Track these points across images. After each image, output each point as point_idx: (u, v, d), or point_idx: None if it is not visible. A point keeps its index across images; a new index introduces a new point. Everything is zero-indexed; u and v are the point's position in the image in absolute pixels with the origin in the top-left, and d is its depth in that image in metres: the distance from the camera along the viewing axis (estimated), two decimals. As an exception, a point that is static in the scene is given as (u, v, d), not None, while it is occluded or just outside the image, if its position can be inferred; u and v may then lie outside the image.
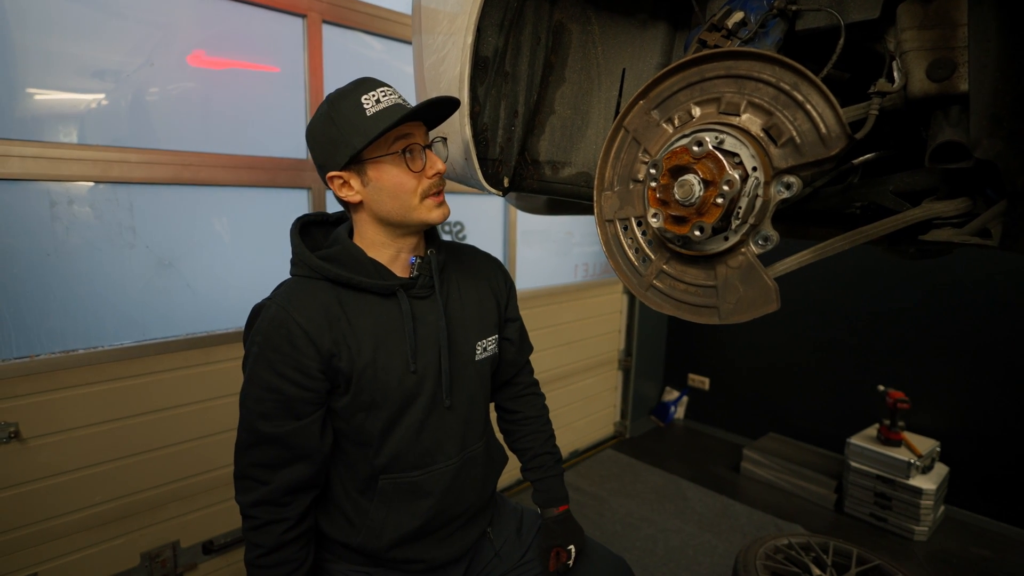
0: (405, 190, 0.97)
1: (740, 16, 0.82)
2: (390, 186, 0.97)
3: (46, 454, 1.56)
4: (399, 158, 0.96)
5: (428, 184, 0.98)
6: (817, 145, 0.70)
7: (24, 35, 1.48)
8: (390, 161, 0.96)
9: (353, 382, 0.99)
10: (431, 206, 1.00)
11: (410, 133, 0.97)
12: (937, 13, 0.72)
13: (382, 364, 1.00)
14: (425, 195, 0.99)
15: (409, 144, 0.96)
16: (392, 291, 1.03)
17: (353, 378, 0.99)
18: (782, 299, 0.75)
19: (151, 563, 1.77)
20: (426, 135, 1.01)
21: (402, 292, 1.04)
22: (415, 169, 0.97)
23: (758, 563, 1.97)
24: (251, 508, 0.98)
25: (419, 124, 1.00)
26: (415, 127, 0.98)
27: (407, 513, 1.06)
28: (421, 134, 1.00)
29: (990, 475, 2.66)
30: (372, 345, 1.00)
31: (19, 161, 1.47)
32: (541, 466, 1.28)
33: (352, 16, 2.05)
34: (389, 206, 0.99)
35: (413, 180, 0.97)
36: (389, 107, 0.94)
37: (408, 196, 0.98)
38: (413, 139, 0.97)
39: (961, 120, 0.73)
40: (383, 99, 0.95)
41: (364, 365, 0.99)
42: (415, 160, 0.97)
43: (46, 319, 1.56)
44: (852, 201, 1.00)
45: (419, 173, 0.97)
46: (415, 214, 0.99)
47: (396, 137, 0.96)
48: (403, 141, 0.96)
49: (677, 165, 0.76)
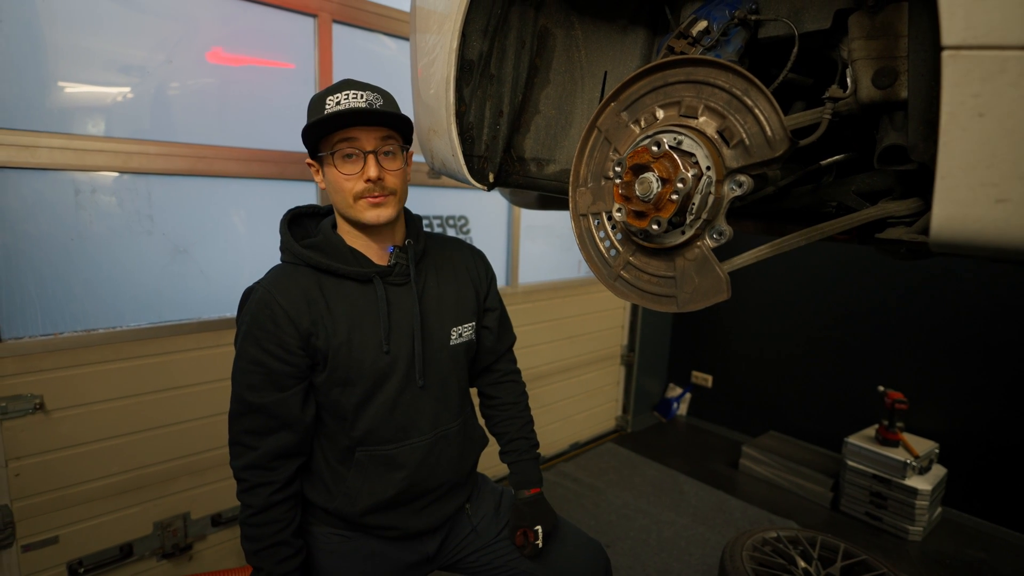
0: (341, 189, 1.06)
1: (704, 25, 0.88)
2: (332, 182, 1.07)
3: (68, 425, 1.67)
4: (335, 159, 1.05)
5: (362, 187, 1.06)
6: (764, 147, 0.75)
7: (54, 31, 1.58)
8: (330, 161, 1.06)
9: (329, 359, 1.08)
10: (364, 207, 1.07)
11: (355, 137, 1.05)
12: (883, 24, 0.76)
13: (357, 344, 1.09)
14: (359, 196, 1.06)
15: (348, 147, 1.04)
16: (369, 277, 1.12)
17: (329, 355, 1.08)
18: (786, 299, 0.81)
19: (163, 532, 1.88)
20: (382, 141, 1.07)
21: (378, 279, 1.12)
22: (345, 172, 1.05)
23: (744, 554, 2.01)
24: (242, 471, 1.08)
25: (375, 129, 1.06)
26: (364, 132, 1.05)
27: (381, 483, 1.15)
28: (371, 139, 1.06)
29: (988, 478, 2.66)
30: (347, 326, 1.09)
31: (47, 152, 1.58)
32: (516, 450, 1.34)
33: (361, 16, 2.13)
34: (335, 200, 1.10)
35: (347, 181, 1.05)
36: (343, 110, 1.02)
37: (344, 195, 1.07)
38: (355, 143, 1.05)
39: (904, 125, 0.78)
40: (344, 101, 1.04)
41: (339, 344, 1.08)
42: (345, 164, 1.05)
43: (69, 300, 1.67)
44: (826, 200, 1.05)
45: (352, 176, 1.05)
46: (351, 212, 1.08)
47: (340, 139, 1.05)
48: (343, 144, 1.05)
49: (638, 163, 0.82)
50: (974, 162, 0.53)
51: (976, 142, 0.53)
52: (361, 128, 1.05)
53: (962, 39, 0.52)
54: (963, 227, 0.55)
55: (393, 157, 1.10)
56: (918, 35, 0.72)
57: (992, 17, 0.50)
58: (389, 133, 1.08)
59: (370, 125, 1.06)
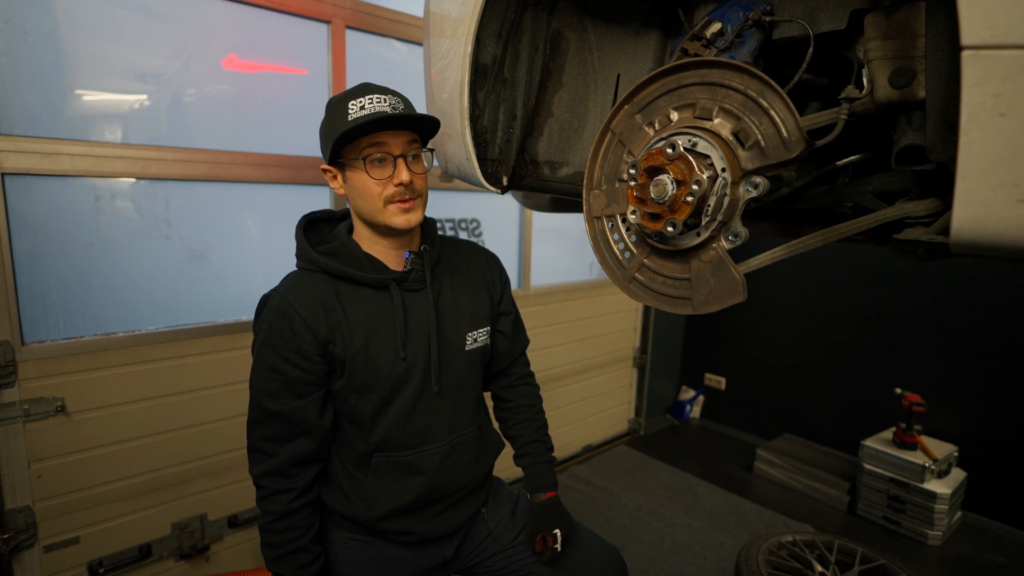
0: (370, 193, 1.05)
1: (718, 27, 0.88)
2: (359, 187, 1.06)
3: (88, 427, 1.70)
4: (366, 164, 1.05)
5: (392, 191, 1.05)
6: (780, 148, 0.75)
7: (75, 41, 1.61)
8: (359, 165, 1.05)
9: (347, 366, 1.08)
10: (395, 212, 1.07)
11: (383, 142, 1.04)
12: (899, 24, 0.76)
13: (374, 351, 1.09)
14: (389, 201, 1.06)
15: (378, 152, 1.04)
16: (385, 284, 1.12)
17: (347, 362, 1.08)
18: (801, 300, 0.81)
19: (181, 533, 1.90)
20: (408, 144, 1.07)
21: (394, 285, 1.12)
22: (376, 176, 1.04)
23: (760, 558, 2.00)
24: (261, 478, 1.09)
25: (401, 133, 1.06)
26: (392, 136, 1.05)
27: (399, 488, 1.15)
28: (399, 143, 1.06)
29: (1009, 482, 2.62)
30: (364, 333, 1.09)
31: (68, 159, 1.61)
32: (531, 453, 1.34)
33: (374, 22, 2.15)
34: (360, 205, 1.08)
35: (377, 186, 1.05)
36: (368, 115, 1.02)
37: (373, 199, 1.06)
38: (384, 147, 1.04)
39: (922, 125, 0.77)
40: (368, 106, 1.03)
41: (356, 351, 1.08)
42: (376, 168, 1.05)
43: (90, 304, 1.70)
44: (842, 201, 1.04)
45: (383, 180, 1.05)
46: (380, 217, 1.07)
47: (368, 144, 1.04)
48: (373, 148, 1.04)
49: (653, 166, 0.82)
50: (995, 162, 0.53)
51: (997, 142, 0.52)
52: (389, 132, 1.05)
53: (982, 39, 0.52)
54: (984, 227, 0.55)
55: (419, 160, 1.10)
56: (935, 34, 0.71)
57: (1012, 17, 0.50)
58: (414, 137, 1.09)
59: (400, 129, 1.06)
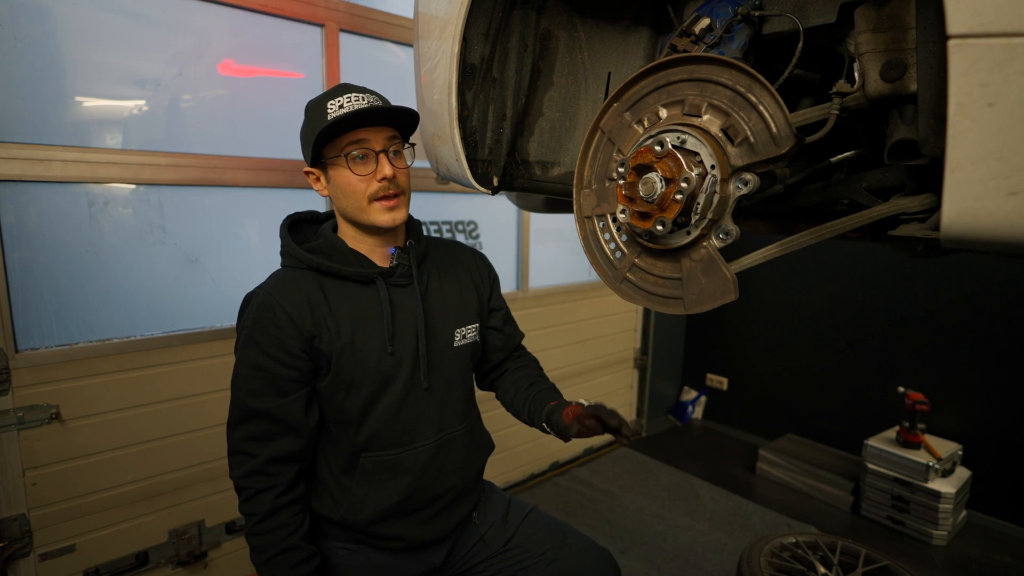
0: (354, 191, 1.05)
1: (706, 22, 0.87)
2: (342, 186, 1.06)
3: (83, 434, 1.69)
4: (348, 160, 1.04)
5: (376, 188, 1.05)
6: (769, 144, 0.74)
7: (70, 46, 1.61)
8: (341, 163, 1.05)
9: (333, 362, 1.07)
10: (379, 209, 1.07)
11: (364, 138, 1.04)
12: (889, 16, 0.75)
13: (360, 346, 1.08)
14: (373, 198, 1.06)
15: (359, 149, 1.04)
16: (371, 279, 1.11)
17: (333, 358, 1.07)
18: (802, 298, 0.79)
19: (178, 540, 1.89)
20: (389, 140, 1.07)
21: (381, 280, 1.11)
22: (359, 172, 1.04)
23: (762, 560, 1.98)
24: (242, 479, 1.06)
25: (381, 129, 1.06)
26: (372, 132, 1.05)
27: (387, 489, 1.13)
28: (380, 139, 1.06)
29: (1015, 480, 2.59)
30: (350, 328, 1.08)
31: (61, 165, 1.60)
32: (550, 388, 1.27)
33: (368, 24, 2.15)
34: (344, 204, 1.08)
35: (360, 183, 1.05)
36: (348, 113, 1.01)
37: (357, 197, 1.05)
38: (366, 144, 1.05)
39: (914, 119, 0.76)
40: (347, 104, 1.03)
41: (343, 346, 1.07)
42: (358, 165, 1.04)
43: (84, 310, 1.70)
44: (837, 198, 1.03)
45: (365, 176, 1.04)
46: (364, 215, 1.07)
47: (349, 141, 1.04)
48: (354, 146, 1.04)
49: (641, 164, 0.81)
50: (984, 154, 0.51)
51: (986, 133, 0.51)
52: (369, 129, 1.05)
53: (968, 27, 0.51)
54: (975, 222, 0.54)
55: (400, 156, 1.10)
56: (926, 26, 0.70)
57: (999, 4, 0.49)
58: (395, 133, 1.09)
59: (380, 125, 1.06)
